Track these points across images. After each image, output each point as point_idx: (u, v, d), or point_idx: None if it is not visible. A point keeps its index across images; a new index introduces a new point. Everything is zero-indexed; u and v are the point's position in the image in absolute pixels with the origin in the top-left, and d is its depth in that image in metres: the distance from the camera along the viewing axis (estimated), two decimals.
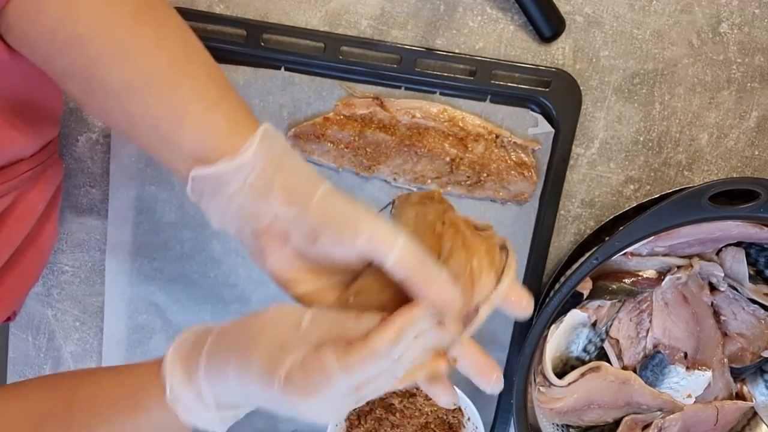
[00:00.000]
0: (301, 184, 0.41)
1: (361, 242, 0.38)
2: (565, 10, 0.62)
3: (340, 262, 0.40)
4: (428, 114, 0.62)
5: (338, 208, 0.40)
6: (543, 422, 0.67)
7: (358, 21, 0.63)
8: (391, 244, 0.38)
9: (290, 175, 0.41)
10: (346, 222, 0.39)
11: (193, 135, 0.40)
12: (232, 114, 0.41)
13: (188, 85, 0.40)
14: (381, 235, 0.38)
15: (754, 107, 0.65)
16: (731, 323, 0.68)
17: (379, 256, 0.38)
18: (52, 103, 0.56)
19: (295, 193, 0.40)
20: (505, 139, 0.63)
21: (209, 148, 0.40)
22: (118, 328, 0.68)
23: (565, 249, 0.68)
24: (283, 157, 0.41)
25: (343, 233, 0.39)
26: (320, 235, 0.40)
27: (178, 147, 0.41)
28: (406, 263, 0.38)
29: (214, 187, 0.41)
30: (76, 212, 0.67)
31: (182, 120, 0.40)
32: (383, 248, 0.38)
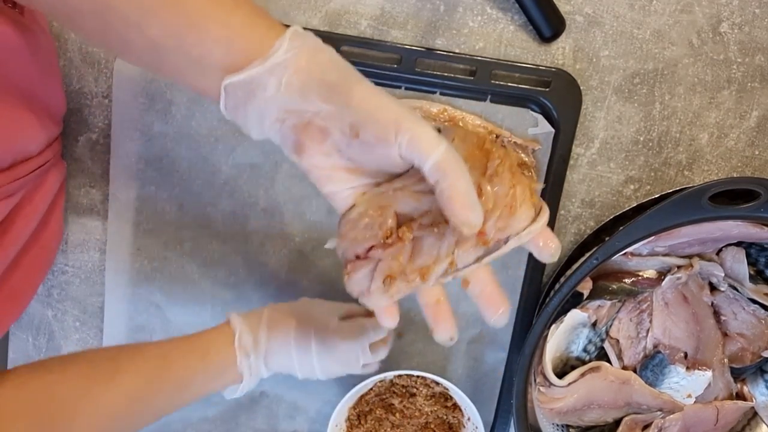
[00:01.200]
0: (340, 80, 0.39)
1: (404, 140, 0.38)
2: (566, 9, 0.62)
3: (379, 160, 0.40)
4: (428, 114, 0.62)
5: (382, 105, 0.39)
6: (543, 422, 0.67)
7: (358, 21, 0.62)
8: (434, 146, 0.38)
9: (328, 71, 0.39)
10: (390, 119, 0.38)
11: (219, 43, 0.39)
12: (254, 16, 0.40)
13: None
14: (424, 136, 0.38)
15: (754, 107, 0.65)
16: (731, 323, 0.68)
17: (419, 157, 0.38)
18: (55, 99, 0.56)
19: (336, 89, 0.39)
20: (506, 139, 0.63)
21: (238, 54, 0.39)
22: (118, 328, 0.68)
23: (566, 249, 0.68)
24: (318, 53, 0.40)
25: (385, 130, 0.38)
26: (362, 131, 0.39)
27: (205, 60, 0.39)
28: (444, 169, 0.38)
29: (249, 94, 0.40)
30: (77, 212, 0.67)
31: (205, 31, 0.39)
32: (425, 149, 0.38)
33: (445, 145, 0.38)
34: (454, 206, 0.38)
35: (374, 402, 0.69)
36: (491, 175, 0.41)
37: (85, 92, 0.64)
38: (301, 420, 0.72)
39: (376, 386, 0.69)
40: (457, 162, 0.38)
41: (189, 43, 0.39)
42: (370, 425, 0.69)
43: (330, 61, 0.40)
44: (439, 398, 0.69)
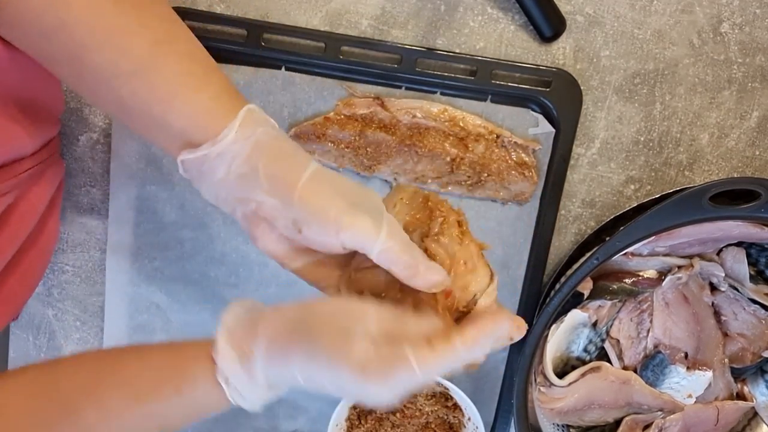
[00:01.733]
0: (284, 171, 0.40)
1: (346, 238, 0.39)
2: (566, 9, 0.62)
3: (325, 249, 0.41)
4: (429, 114, 0.62)
5: (320, 201, 0.40)
6: (543, 422, 0.67)
7: (358, 21, 0.62)
8: (374, 238, 0.39)
9: (274, 160, 0.41)
10: (329, 215, 0.39)
11: (180, 117, 0.41)
12: (218, 94, 0.41)
13: (173, 67, 0.41)
14: (364, 229, 0.39)
15: (754, 107, 0.65)
16: (732, 323, 0.68)
17: (363, 250, 0.40)
18: (53, 100, 0.56)
19: (279, 182, 0.40)
20: (506, 139, 0.63)
21: (195, 131, 0.41)
22: (119, 327, 0.68)
23: (566, 249, 0.68)
24: (267, 142, 0.41)
25: (326, 226, 0.39)
26: (304, 228, 0.40)
27: (168, 129, 0.41)
28: (389, 257, 0.39)
29: (201, 171, 0.41)
30: (77, 212, 0.67)
31: (170, 102, 0.40)
32: (367, 242, 0.39)
33: (384, 233, 0.39)
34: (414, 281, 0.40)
35: None
36: (437, 234, 0.42)
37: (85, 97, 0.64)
38: (302, 419, 0.72)
39: None
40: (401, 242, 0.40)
41: (154, 111, 0.41)
42: (370, 425, 0.69)
43: (278, 151, 0.41)
44: (439, 398, 0.69)
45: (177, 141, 0.41)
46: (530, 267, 0.66)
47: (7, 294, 0.56)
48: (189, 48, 0.42)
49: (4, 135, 0.47)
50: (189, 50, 0.42)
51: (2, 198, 0.49)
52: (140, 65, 0.40)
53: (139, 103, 0.41)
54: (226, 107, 0.41)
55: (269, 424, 0.72)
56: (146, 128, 0.42)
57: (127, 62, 0.40)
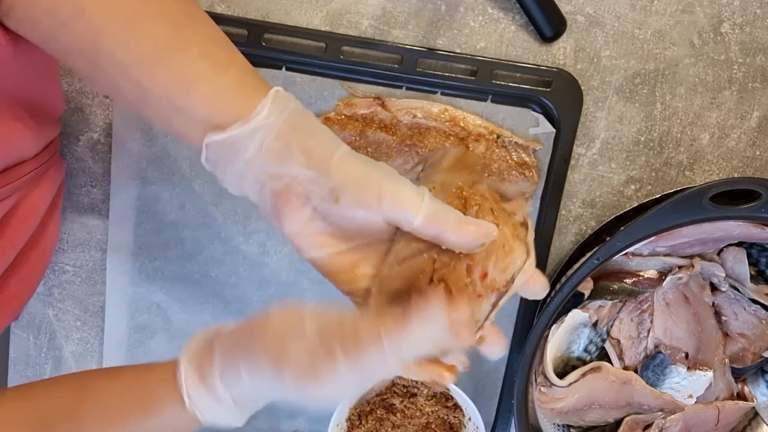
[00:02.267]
0: (319, 146, 0.40)
1: (385, 204, 0.38)
2: (567, 10, 0.62)
3: (362, 225, 0.40)
4: (429, 114, 0.62)
5: (360, 169, 0.39)
6: (544, 422, 0.67)
7: (359, 21, 0.63)
8: (417, 205, 0.38)
9: (307, 136, 0.40)
10: (369, 183, 0.39)
11: (204, 100, 0.40)
12: (242, 76, 0.41)
13: (195, 51, 0.40)
14: (405, 196, 0.38)
15: (755, 107, 0.65)
16: (732, 323, 0.68)
17: (404, 218, 0.39)
18: (53, 102, 0.56)
19: (314, 154, 0.39)
20: (506, 139, 0.63)
21: (221, 113, 0.40)
22: (120, 327, 0.68)
23: (566, 249, 0.68)
24: (298, 119, 0.40)
25: (365, 194, 0.39)
26: (342, 196, 0.39)
27: (190, 114, 0.40)
28: (434, 220, 0.38)
29: (229, 153, 0.40)
30: (78, 212, 0.67)
31: (192, 86, 0.39)
32: (409, 210, 0.38)
33: (427, 199, 0.39)
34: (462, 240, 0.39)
35: (375, 402, 0.69)
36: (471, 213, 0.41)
37: (86, 91, 0.64)
38: (303, 419, 0.72)
39: (377, 386, 0.69)
40: (443, 208, 0.39)
41: (176, 95, 0.40)
42: (371, 425, 0.69)
43: (310, 126, 0.41)
44: (440, 398, 0.69)
45: (200, 126, 0.40)
46: None
47: (8, 295, 0.56)
48: (209, 31, 0.41)
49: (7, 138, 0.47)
50: (209, 33, 0.41)
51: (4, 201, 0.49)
52: (161, 51, 0.39)
53: (159, 89, 0.39)
54: (252, 88, 0.40)
55: (269, 424, 0.72)
56: (166, 116, 0.41)
57: (147, 48, 0.39)
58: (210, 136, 0.40)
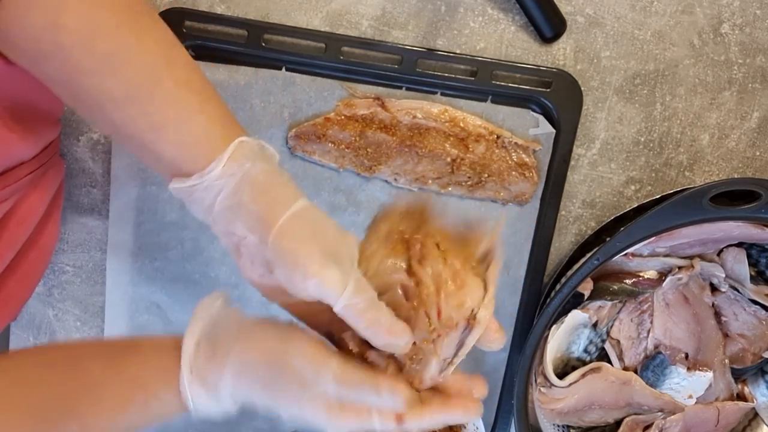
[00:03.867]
0: (266, 209, 0.40)
1: (309, 287, 0.39)
2: (566, 10, 0.62)
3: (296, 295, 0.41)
4: (429, 114, 0.62)
5: (292, 246, 0.40)
6: (544, 423, 0.67)
7: (359, 21, 0.63)
8: (338, 293, 0.39)
9: (259, 195, 0.41)
10: (298, 261, 0.39)
11: (171, 147, 0.41)
12: (211, 125, 0.41)
13: (167, 96, 0.41)
14: (330, 280, 0.39)
15: (755, 108, 0.65)
16: (732, 324, 0.68)
17: (328, 301, 0.39)
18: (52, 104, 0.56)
19: (259, 220, 0.40)
20: (506, 140, 0.63)
21: (186, 160, 0.41)
22: (119, 328, 0.68)
23: (566, 249, 0.68)
24: (255, 175, 0.41)
25: (293, 274, 0.39)
26: (275, 269, 0.40)
27: (159, 156, 0.41)
28: (354, 311, 0.39)
29: (190, 201, 0.42)
30: (78, 212, 0.67)
31: (160, 132, 0.41)
32: (332, 294, 0.39)
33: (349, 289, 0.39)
34: (376, 339, 0.40)
35: None
36: (420, 260, 0.42)
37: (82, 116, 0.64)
38: None
39: None
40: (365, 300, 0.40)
41: (146, 138, 0.41)
42: None
43: (263, 187, 0.41)
44: None
45: (168, 168, 0.42)
46: (531, 267, 0.66)
47: (6, 296, 0.56)
48: (185, 75, 0.42)
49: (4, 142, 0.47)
50: (185, 77, 0.42)
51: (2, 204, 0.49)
52: (134, 92, 0.40)
53: (131, 129, 0.41)
54: (216, 139, 0.41)
55: (269, 425, 0.72)
56: (139, 153, 0.43)
57: (121, 88, 0.40)
58: (173, 183, 0.42)
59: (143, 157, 0.43)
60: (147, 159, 0.43)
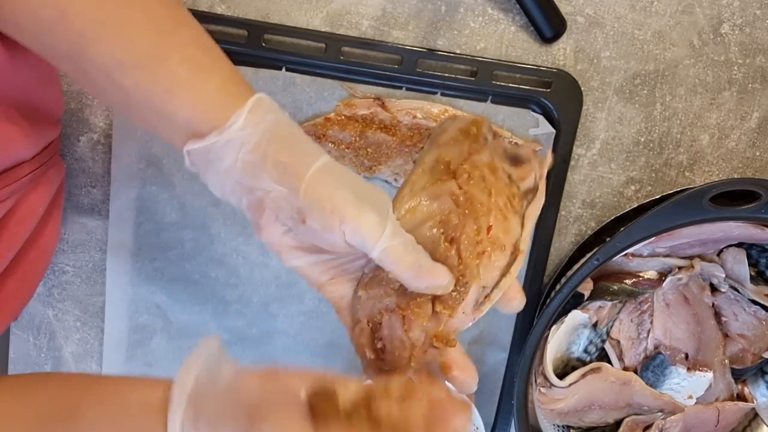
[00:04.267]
0: (293, 161, 0.39)
1: (347, 231, 0.38)
2: (566, 10, 0.62)
3: (328, 244, 0.40)
4: (429, 114, 0.62)
5: (326, 192, 0.39)
6: (544, 423, 0.67)
7: (359, 21, 0.63)
8: (375, 237, 0.38)
9: (284, 149, 0.39)
10: (334, 209, 0.38)
11: (185, 107, 0.39)
12: (224, 83, 0.40)
13: (177, 56, 0.39)
14: (366, 226, 0.38)
15: (755, 108, 0.65)
16: (732, 324, 0.68)
17: (364, 247, 0.38)
18: (52, 104, 0.55)
19: (287, 171, 0.39)
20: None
21: (201, 120, 0.39)
22: (119, 328, 0.68)
23: (566, 250, 0.68)
24: (277, 129, 0.40)
25: (330, 219, 0.38)
26: (308, 218, 0.39)
27: (172, 120, 0.40)
28: (394, 254, 0.38)
29: (208, 161, 0.40)
30: (77, 212, 0.67)
31: (173, 93, 0.39)
32: (369, 240, 0.38)
33: (387, 233, 0.38)
34: (416, 282, 0.39)
35: None
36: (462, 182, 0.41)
37: (87, 92, 0.64)
38: None
39: None
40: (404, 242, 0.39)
41: (158, 101, 0.39)
42: None
43: (288, 139, 0.40)
44: None
45: (182, 132, 0.40)
46: (530, 268, 0.66)
47: (6, 296, 0.56)
48: (194, 35, 0.41)
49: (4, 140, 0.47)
50: (194, 38, 0.41)
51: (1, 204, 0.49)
52: (143, 56, 0.38)
53: (142, 94, 0.39)
54: (232, 96, 0.40)
55: None
56: (150, 120, 0.41)
57: (129, 54, 0.38)
58: (189, 144, 0.40)
59: (154, 124, 0.41)
60: (158, 126, 0.41)
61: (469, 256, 0.40)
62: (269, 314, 0.68)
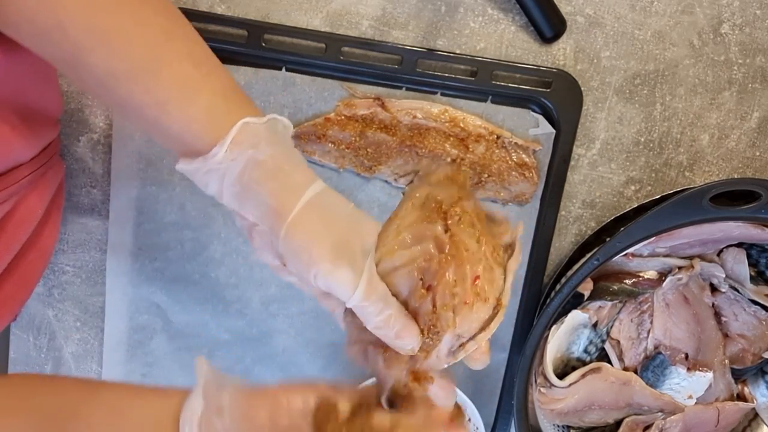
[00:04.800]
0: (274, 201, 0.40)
1: (320, 285, 0.40)
2: (566, 10, 0.62)
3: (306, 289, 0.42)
4: (429, 114, 0.62)
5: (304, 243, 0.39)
6: (544, 423, 0.67)
7: (359, 22, 0.63)
8: (349, 293, 0.39)
9: (267, 182, 0.40)
10: (310, 261, 0.39)
11: (177, 123, 0.40)
12: (212, 104, 0.40)
13: (169, 71, 0.39)
14: (340, 283, 0.39)
15: (755, 108, 0.65)
16: (732, 324, 0.68)
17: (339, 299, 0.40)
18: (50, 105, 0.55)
19: (270, 209, 0.40)
20: (506, 140, 0.63)
21: (192, 138, 0.40)
22: (119, 328, 0.68)
23: (566, 250, 0.68)
24: (262, 160, 0.40)
25: (305, 271, 0.39)
26: (287, 263, 0.41)
27: (166, 132, 0.40)
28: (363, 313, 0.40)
29: (197, 181, 0.41)
30: (77, 212, 0.67)
31: (165, 108, 0.40)
32: (341, 295, 0.39)
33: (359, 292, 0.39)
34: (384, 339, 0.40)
35: None
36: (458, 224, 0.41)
37: (87, 93, 0.64)
38: None
39: None
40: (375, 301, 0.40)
41: (150, 115, 0.40)
42: None
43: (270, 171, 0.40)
44: None
45: (176, 144, 0.41)
46: (531, 268, 0.66)
47: (5, 297, 0.56)
48: (187, 48, 0.41)
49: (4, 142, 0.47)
50: (187, 50, 0.41)
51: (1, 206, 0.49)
52: (135, 69, 0.39)
53: (135, 105, 0.40)
54: (220, 118, 0.40)
55: None
56: (146, 129, 0.42)
57: (122, 65, 0.39)
58: (179, 164, 0.41)
59: (151, 132, 0.42)
60: (155, 135, 0.42)
61: (443, 306, 0.40)
62: (269, 314, 0.68)
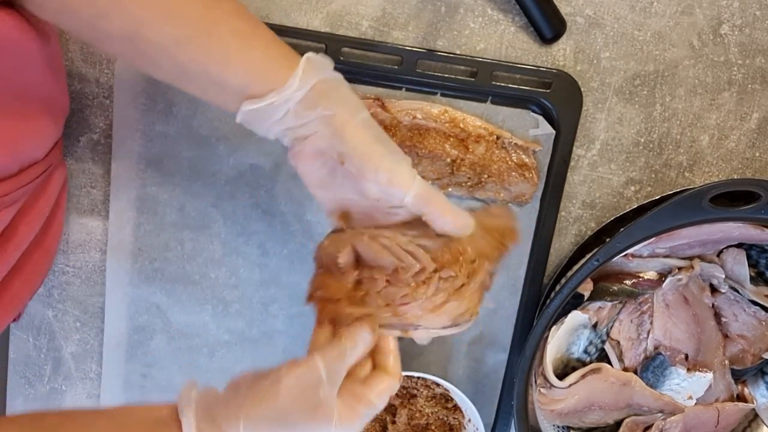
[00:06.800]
0: (339, 112, 0.44)
1: (381, 179, 0.44)
2: (566, 11, 0.62)
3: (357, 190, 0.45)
4: (429, 115, 0.62)
5: (366, 143, 0.44)
6: (544, 424, 0.67)
7: (359, 22, 0.63)
8: (408, 184, 0.44)
9: (331, 101, 0.44)
10: (371, 157, 0.44)
11: (237, 75, 0.44)
12: (268, 49, 0.45)
13: (224, 28, 0.43)
14: (400, 175, 0.44)
15: (754, 109, 0.65)
16: (732, 325, 0.68)
17: (396, 194, 0.44)
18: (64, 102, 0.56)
19: (334, 120, 0.44)
20: (506, 141, 0.63)
21: (255, 85, 0.44)
22: (119, 328, 0.68)
23: (566, 250, 0.68)
24: (325, 86, 0.45)
25: (367, 164, 0.44)
26: (347, 161, 0.45)
27: (226, 87, 0.44)
28: (424, 198, 0.45)
29: (262, 116, 0.45)
30: (78, 213, 0.67)
31: (225, 62, 0.43)
32: (402, 186, 0.44)
33: (418, 180, 0.45)
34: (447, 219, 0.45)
35: None
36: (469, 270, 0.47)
37: (87, 92, 0.64)
38: None
39: None
40: (431, 191, 0.45)
41: (212, 72, 0.44)
42: (370, 426, 0.69)
43: (335, 93, 0.45)
44: (439, 399, 0.69)
45: (235, 96, 0.44)
46: (530, 268, 0.66)
47: (11, 296, 0.56)
48: (233, 7, 0.44)
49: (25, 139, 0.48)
50: (234, 8, 0.44)
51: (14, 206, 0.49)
52: (194, 32, 0.42)
53: (197, 67, 0.43)
54: (279, 59, 0.44)
55: None
56: (204, 89, 0.45)
57: (182, 31, 0.42)
58: (246, 105, 0.44)
59: (209, 93, 0.45)
60: (213, 94, 0.45)
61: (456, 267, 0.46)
62: (269, 314, 0.68)
